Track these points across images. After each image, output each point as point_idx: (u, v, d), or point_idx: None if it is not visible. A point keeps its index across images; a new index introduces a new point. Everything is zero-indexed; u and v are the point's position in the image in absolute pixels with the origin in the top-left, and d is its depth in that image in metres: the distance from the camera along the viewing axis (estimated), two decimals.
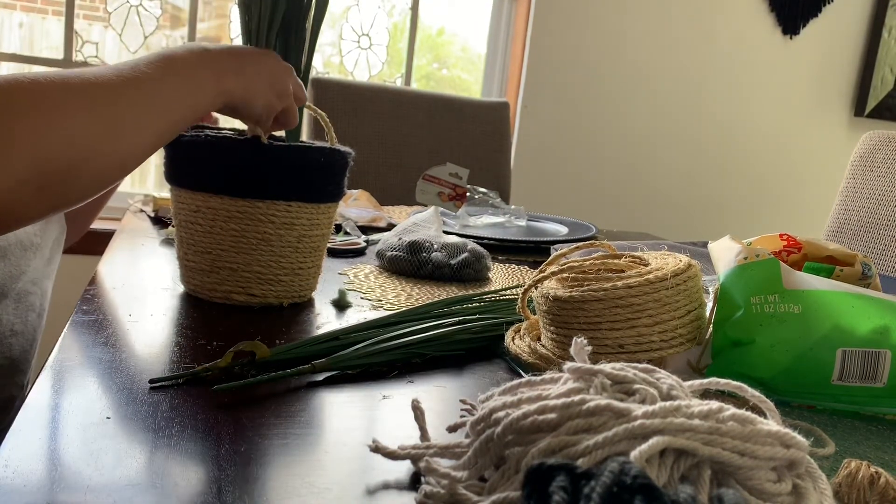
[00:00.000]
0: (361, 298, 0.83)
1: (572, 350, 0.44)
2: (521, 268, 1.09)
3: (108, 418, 0.46)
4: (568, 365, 0.40)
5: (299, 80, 0.73)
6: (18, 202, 0.51)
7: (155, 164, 2.21)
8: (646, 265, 0.64)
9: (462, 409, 0.51)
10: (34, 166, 0.51)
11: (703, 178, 2.58)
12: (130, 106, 0.57)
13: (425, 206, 1.30)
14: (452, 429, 0.47)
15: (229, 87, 0.65)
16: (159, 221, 1.16)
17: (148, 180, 2.23)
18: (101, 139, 0.55)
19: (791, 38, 2.56)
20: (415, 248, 0.96)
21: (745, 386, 0.41)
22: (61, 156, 0.52)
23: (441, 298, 0.77)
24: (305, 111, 0.80)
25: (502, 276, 1.01)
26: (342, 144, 0.78)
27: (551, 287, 0.63)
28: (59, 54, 2.02)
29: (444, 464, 0.40)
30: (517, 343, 0.66)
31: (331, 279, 0.90)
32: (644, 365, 0.41)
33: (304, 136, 1.50)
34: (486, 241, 1.18)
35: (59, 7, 2.00)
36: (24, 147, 0.50)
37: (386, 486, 0.41)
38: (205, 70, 0.64)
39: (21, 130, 0.50)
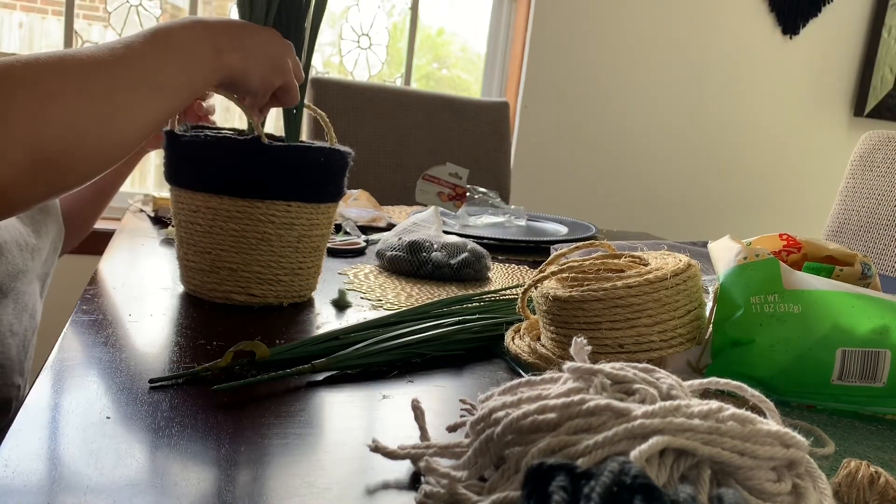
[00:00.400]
0: (361, 298, 0.83)
1: (572, 350, 0.44)
2: (521, 268, 1.09)
3: (108, 418, 0.46)
4: (568, 365, 0.40)
5: (297, 59, 0.73)
6: (16, 188, 0.51)
7: (155, 164, 2.21)
8: (646, 265, 0.64)
9: (462, 409, 0.51)
10: (30, 152, 0.50)
11: (703, 178, 2.58)
12: (126, 87, 0.56)
13: (425, 205, 1.30)
14: (452, 429, 0.47)
15: (227, 63, 0.64)
16: (159, 221, 1.16)
17: (148, 180, 2.23)
18: (96, 123, 0.54)
19: (791, 38, 2.56)
20: (415, 247, 0.96)
21: (745, 386, 0.41)
22: (57, 141, 0.52)
23: (441, 298, 0.77)
24: (305, 111, 0.80)
25: (502, 276, 1.01)
26: (342, 144, 0.78)
27: (551, 287, 0.63)
28: None
29: (444, 464, 0.40)
30: (517, 343, 0.66)
31: (331, 279, 0.90)
32: (644, 365, 0.41)
33: (304, 136, 1.50)
34: (486, 241, 1.18)
35: (59, 7, 1.99)
36: (20, 133, 0.50)
37: (386, 486, 0.41)
38: (202, 46, 0.63)
39: (15, 116, 0.50)
